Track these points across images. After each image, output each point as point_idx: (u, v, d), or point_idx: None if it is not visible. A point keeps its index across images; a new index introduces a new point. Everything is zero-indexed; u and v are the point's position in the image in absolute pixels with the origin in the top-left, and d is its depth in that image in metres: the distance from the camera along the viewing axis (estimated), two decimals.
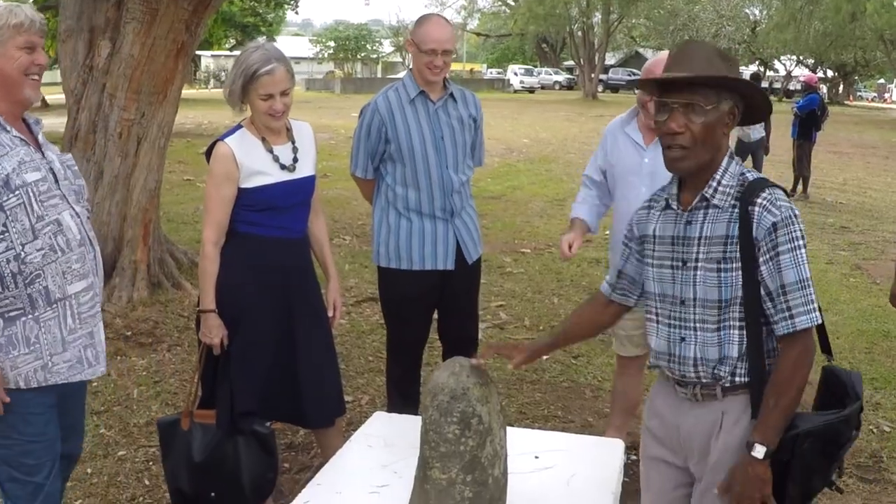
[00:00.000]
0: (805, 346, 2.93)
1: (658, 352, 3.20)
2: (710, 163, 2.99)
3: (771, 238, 2.89)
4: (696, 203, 3.03)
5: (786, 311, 2.90)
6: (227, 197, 4.29)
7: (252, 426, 4.38)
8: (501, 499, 3.31)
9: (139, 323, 7.85)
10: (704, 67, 2.90)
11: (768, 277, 2.91)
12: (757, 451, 2.86)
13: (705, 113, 2.90)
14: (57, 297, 3.44)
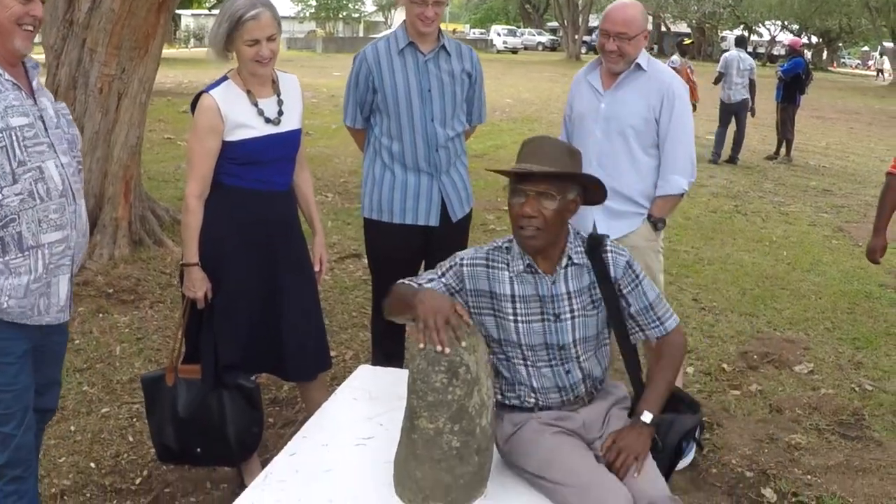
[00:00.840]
0: (678, 340, 3.64)
1: (543, 388, 3.56)
2: (557, 239, 3.47)
3: (629, 273, 3.54)
4: (562, 266, 3.50)
5: (656, 320, 3.59)
6: (212, 150, 4.21)
7: (237, 380, 4.35)
8: (489, 449, 3.31)
9: (121, 280, 7.76)
10: (557, 162, 3.37)
11: (636, 301, 3.56)
12: (646, 416, 3.42)
13: (556, 201, 3.35)
14: (30, 244, 3.35)
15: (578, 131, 4.96)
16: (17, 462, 3.53)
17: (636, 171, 4.84)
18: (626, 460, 3.26)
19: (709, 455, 5.19)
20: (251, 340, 4.42)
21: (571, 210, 3.46)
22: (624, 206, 4.86)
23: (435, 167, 5.11)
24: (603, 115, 4.81)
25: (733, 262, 9.50)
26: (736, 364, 6.62)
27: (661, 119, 4.77)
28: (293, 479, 3.46)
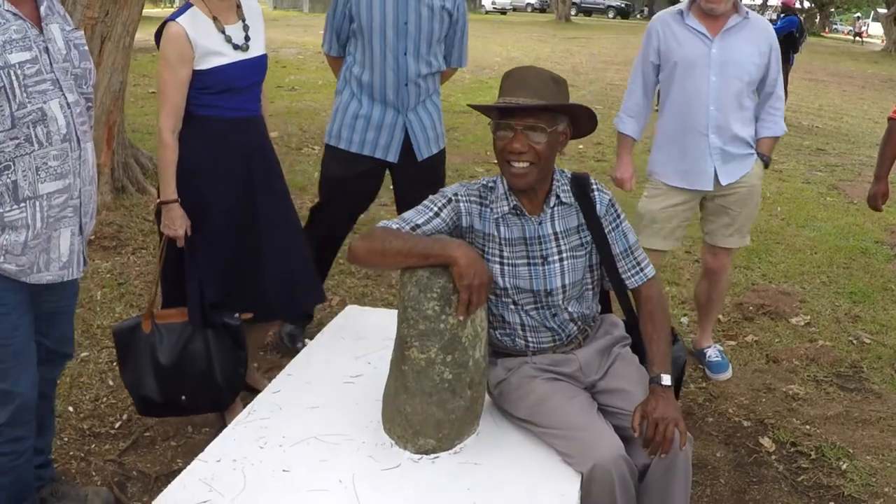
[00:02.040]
0: (660, 287, 3.50)
1: (532, 327, 3.40)
2: (546, 175, 3.29)
3: (612, 212, 3.41)
4: (549, 205, 3.33)
5: (636, 265, 3.45)
6: (183, 80, 4.04)
7: (222, 318, 4.20)
8: (482, 383, 3.18)
9: (103, 227, 7.58)
10: (544, 93, 3.16)
11: (618, 241, 3.41)
12: (665, 380, 3.17)
13: (547, 135, 3.16)
14: (26, 195, 3.08)
15: (685, 77, 4.88)
16: (17, 421, 3.32)
17: (746, 114, 4.93)
18: (667, 430, 3.00)
19: (705, 404, 5.10)
20: (234, 276, 4.28)
21: (562, 143, 3.29)
22: (739, 149, 4.95)
23: (402, 102, 5.06)
24: (716, 60, 4.79)
25: None
26: (731, 315, 6.51)
27: (770, 66, 4.91)
28: (277, 416, 3.36)
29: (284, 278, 4.40)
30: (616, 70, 24.63)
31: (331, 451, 3.13)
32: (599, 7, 68.41)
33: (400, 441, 3.15)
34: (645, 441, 3.04)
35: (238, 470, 3.00)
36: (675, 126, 4.95)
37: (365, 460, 3.09)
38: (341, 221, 5.38)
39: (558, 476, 3.04)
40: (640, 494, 3.14)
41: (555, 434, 3.15)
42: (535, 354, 3.40)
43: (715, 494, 4.28)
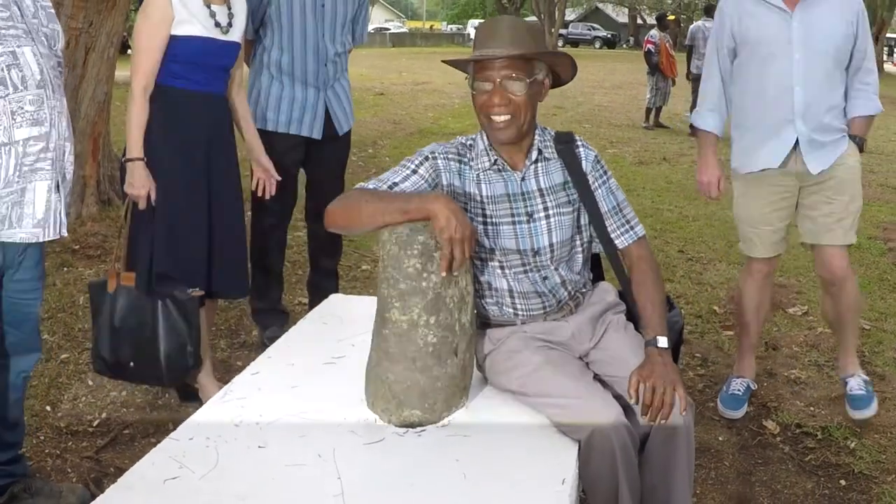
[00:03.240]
0: (649, 252, 3.35)
1: (521, 293, 3.24)
2: (528, 129, 3.16)
3: (598, 168, 3.29)
4: (531, 160, 3.21)
5: (626, 223, 3.31)
6: (161, 41, 4.01)
7: (172, 291, 4.10)
8: (469, 352, 3.02)
9: (88, 237, 7.53)
10: (520, 43, 3.03)
11: (605, 198, 3.28)
12: (661, 342, 3.03)
13: (526, 85, 3.04)
14: (1, 140, 2.96)
15: (763, 58, 4.38)
16: None
17: (835, 92, 4.38)
18: (665, 395, 2.82)
19: (704, 391, 4.97)
20: (187, 249, 4.19)
21: (542, 93, 3.17)
22: (830, 135, 4.36)
23: (323, 81, 5.16)
24: (798, 35, 4.29)
25: (718, 219, 9.24)
26: (727, 307, 6.38)
27: (859, 35, 4.36)
28: (255, 396, 3.19)
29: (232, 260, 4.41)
30: (604, 93, 24.66)
31: (310, 428, 2.97)
32: (586, 38, 68.84)
33: (384, 415, 2.98)
34: (643, 407, 2.87)
35: (211, 447, 2.84)
36: (756, 114, 4.42)
37: (346, 435, 2.93)
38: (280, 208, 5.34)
39: (554, 445, 2.88)
40: (641, 465, 2.97)
41: (549, 403, 2.98)
42: (525, 323, 3.24)
43: (720, 477, 4.14)
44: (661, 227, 8.77)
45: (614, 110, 20.18)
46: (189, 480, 2.64)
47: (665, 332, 3.07)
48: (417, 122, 17.29)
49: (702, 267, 7.41)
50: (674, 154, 13.77)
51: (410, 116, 18.22)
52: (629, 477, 2.83)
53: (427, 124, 16.89)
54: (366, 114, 17.88)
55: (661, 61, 16.82)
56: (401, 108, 19.87)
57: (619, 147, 14.27)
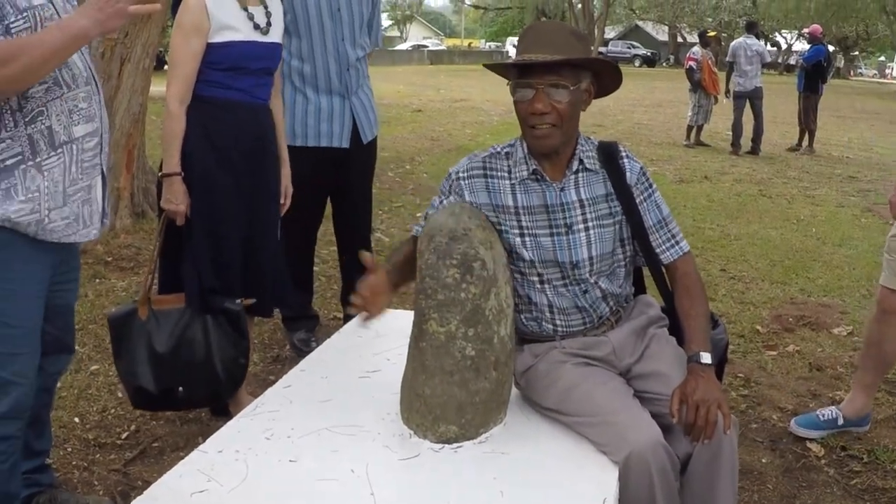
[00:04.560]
0: (694, 268, 3.22)
1: (561, 307, 3.15)
2: (570, 138, 3.07)
3: (643, 181, 3.16)
4: (572, 171, 3.09)
5: (671, 238, 3.19)
6: (196, 50, 3.89)
7: (223, 304, 4.01)
8: (508, 365, 2.92)
9: (121, 249, 7.49)
10: (566, 49, 2.93)
11: (650, 213, 3.16)
12: (704, 358, 2.89)
13: (570, 92, 2.93)
14: (62, 139, 2.94)
15: None
16: (10, 416, 3.08)
17: None
18: (709, 413, 2.70)
19: (748, 411, 4.83)
20: (232, 263, 4.10)
21: (585, 101, 3.06)
22: None
23: (346, 87, 5.10)
24: None
25: (761, 238, 9.12)
26: (770, 327, 6.25)
27: None
28: (287, 409, 3.13)
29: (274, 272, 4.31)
30: (644, 111, 24.57)
31: (343, 442, 2.89)
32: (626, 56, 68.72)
33: (419, 430, 2.89)
34: (685, 427, 2.75)
35: (241, 460, 2.77)
36: None
37: (381, 451, 2.84)
38: (310, 223, 5.34)
39: (594, 465, 2.78)
40: (683, 487, 2.86)
41: (586, 422, 2.88)
42: (564, 339, 3.14)
43: (763, 500, 4.01)
44: (703, 245, 8.64)
45: (654, 128, 20.06)
46: (217, 494, 2.57)
47: (708, 348, 2.94)
48: (455, 138, 17.22)
49: (744, 286, 7.27)
50: (715, 172, 13.63)
51: (448, 133, 18.16)
52: (668, 501, 2.74)
53: (465, 141, 16.80)
54: (403, 130, 17.86)
55: (703, 78, 16.70)
56: (438, 124, 19.83)
57: (660, 165, 14.14)
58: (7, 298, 2.96)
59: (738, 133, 16.27)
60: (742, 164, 14.82)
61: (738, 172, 13.83)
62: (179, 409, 4.33)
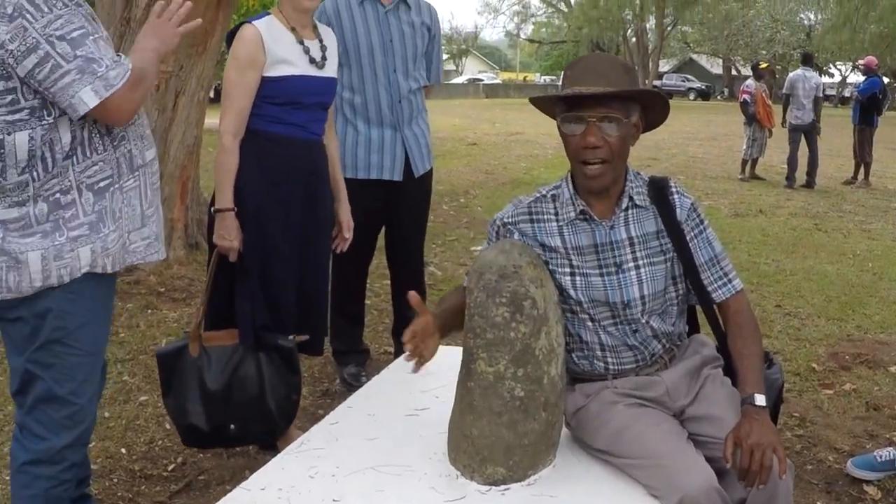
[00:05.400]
0: (747, 307, 3.12)
1: (612, 346, 3.08)
2: (620, 174, 3.02)
3: (693, 217, 3.08)
4: (622, 208, 3.04)
5: (724, 276, 3.09)
6: (251, 84, 3.88)
7: (276, 340, 3.96)
8: (558, 406, 2.87)
9: (174, 280, 7.53)
10: (616, 81, 2.88)
11: (701, 250, 3.07)
12: (759, 400, 2.80)
13: (621, 126, 2.89)
14: (139, 163, 3.05)
15: None
16: (80, 444, 3.13)
17: None
18: (764, 457, 2.63)
19: (803, 452, 4.71)
20: (285, 300, 4.08)
21: (634, 135, 3.01)
22: None
23: (398, 119, 5.07)
24: None
25: (816, 273, 8.98)
26: (826, 364, 6.12)
27: None
28: (332, 446, 3.10)
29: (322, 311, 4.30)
30: (698, 145, 24.40)
31: (388, 481, 2.85)
32: (680, 90, 68.58)
33: (466, 471, 2.84)
34: (740, 471, 2.67)
35: (283, 499, 2.74)
36: None
37: (426, 492, 2.79)
38: (361, 256, 5.28)
39: None
40: None
41: (638, 464, 2.82)
42: (617, 378, 3.07)
43: None
44: (758, 280, 8.52)
45: (709, 162, 19.92)
46: None
47: (763, 390, 2.85)
48: (510, 172, 17.21)
49: (800, 322, 7.14)
50: (770, 206, 13.49)
51: (503, 166, 18.14)
52: None
53: (519, 174, 16.79)
54: (458, 163, 17.88)
55: (757, 111, 16.55)
56: (493, 157, 19.83)
57: (714, 199, 14.02)
58: (88, 328, 3.02)
59: (794, 167, 16.08)
60: (797, 198, 14.67)
61: (794, 206, 13.68)
62: (231, 447, 4.31)
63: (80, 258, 2.89)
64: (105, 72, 2.74)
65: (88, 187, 2.89)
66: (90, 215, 2.90)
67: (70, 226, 2.87)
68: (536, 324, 2.71)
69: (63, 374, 2.99)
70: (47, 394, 3.00)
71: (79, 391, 3.03)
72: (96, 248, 2.92)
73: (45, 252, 2.84)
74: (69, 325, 2.95)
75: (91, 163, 2.89)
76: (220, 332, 3.99)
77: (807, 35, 62.97)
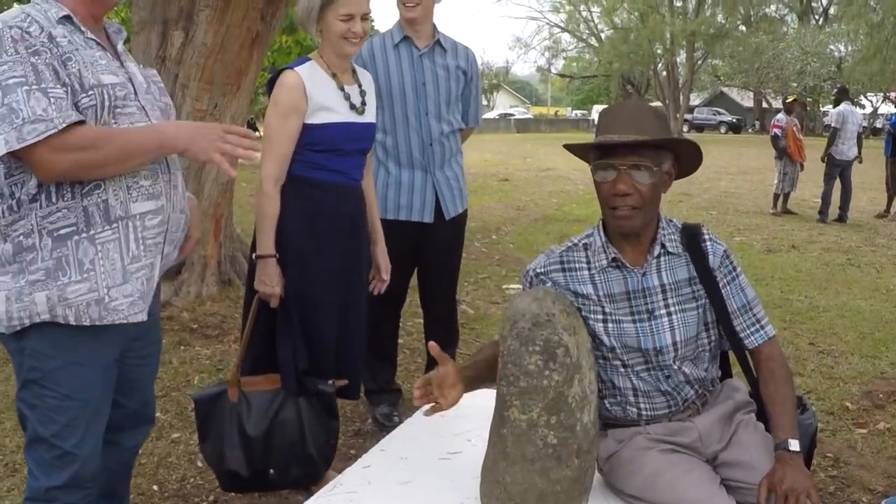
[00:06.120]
0: (780, 352, 3.15)
1: (644, 391, 3.10)
2: (651, 221, 3.04)
3: (727, 264, 3.10)
4: (653, 255, 3.06)
5: (756, 322, 3.11)
6: (293, 131, 3.90)
7: (317, 386, 3.98)
8: (591, 453, 2.87)
9: (207, 317, 7.56)
10: (648, 128, 2.91)
11: (734, 297, 3.09)
12: (792, 445, 2.85)
13: (652, 174, 2.91)
14: (118, 214, 2.88)
15: None
16: (73, 486, 3.05)
17: None
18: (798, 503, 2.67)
19: (836, 493, 4.68)
20: (326, 346, 4.08)
21: (666, 183, 3.04)
22: None
23: (429, 162, 5.09)
24: None
25: (850, 310, 8.92)
26: (860, 403, 6.07)
27: None
28: (365, 491, 3.11)
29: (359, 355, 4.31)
30: (730, 179, 24.36)
31: None
32: (711, 123, 68.57)
33: None
34: None
35: None
36: None
37: None
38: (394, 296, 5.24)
39: None
40: None
41: None
42: (649, 424, 3.08)
43: None
44: (791, 318, 8.48)
45: (741, 196, 19.88)
46: None
47: (796, 435, 2.88)
48: (542, 208, 17.23)
49: (833, 360, 7.09)
50: (803, 241, 13.43)
51: (535, 202, 18.17)
52: None
53: (551, 210, 16.82)
54: (490, 199, 17.92)
55: (788, 146, 16.52)
56: (525, 193, 19.87)
57: (747, 234, 13.98)
58: (67, 370, 2.94)
59: (829, 202, 15.97)
60: (829, 232, 14.60)
61: (826, 241, 13.62)
62: (270, 491, 4.31)
63: (37, 303, 2.83)
64: (21, 124, 2.64)
65: (49, 233, 2.83)
66: (47, 261, 2.83)
67: (30, 269, 2.83)
68: (569, 371, 2.72)
69: (45, 416, 2.96)
70: (34, 433, 2.99)
71: (63, 434, 2.97)
72: (52, 296, 2.84)
73: (9, 293, 2.83)
74: (45, 366, 2.91)
75: (55, 209, 2.82)
76: (258, 377, 4.01)
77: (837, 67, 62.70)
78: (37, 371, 2.92)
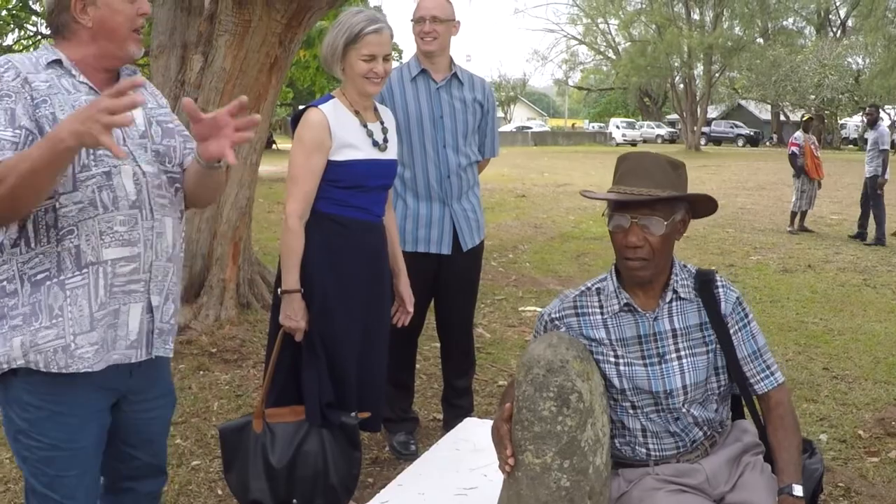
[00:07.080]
0: (788, 398, 3.22)
1: (654, 432, 3.15)
2: (664, 267, 3.10)
3: (738, 311, 3.16)
4: (665, 300, 3.11)
5: (766, 369, 3.16)
6: (317, 167, 4.00)
7: (340, 418, 4.06)
8: (603, 494, 2.93)
9: (225, 341, 7.62)
10: (662, 181, 2.99)
11: (745, 343, 3.15)
12: (796, 490, 2.93)
13: (665, 226, 2.98)
14: (89, 260, 2.82)
15: None
16: None
17: None
18: None
19: None
20: (349, 379, 4.16)
21: (680, 231, 3.11)
22: None
23: (447, 194, 5.16)
24: None
25: (865, 333, 8.94)
26: (873, 431, 6.10)
27: None
28: None
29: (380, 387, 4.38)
30: (747, 195, 24.38)
31: None
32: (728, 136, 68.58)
33: None
34: None
35: None
36: None
37: None
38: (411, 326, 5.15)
39: None
40: None
41: None
42: (658, 464, 3.14)
43: None
44: (806, 342, 8.50)
45: (758, 213, 19.91)
46: None
47: (800, 480, 2.97)
48: (559, 225, 17.32)
49: (847, 386, 7.11)
50: (819, 260, 13.45)
51: (552, 220, 18.26)
52: None
53: (568, 228, 16.90)
54: (507, 217, 18.01)
55: (805, 164, 16.56)
56: (542, 210, 19.95)
57: (763, 253, 14.01)
58: (52, 420, 2.91)
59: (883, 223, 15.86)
60: (846, 251, 14.60)
61: (842, 260, 13.63)
62: None
63: (13, 348, 2.82)
64: None
65: (28, 278, 2.83)
66: (25, 307, 2.82)
67: (11, 314, 2.83)
68: (583, 416, 2.78)
69: (35, 468, 2.95)
70: (29, 485, 3.01)
71: (54, 485, 2.95)
72: (25, 341, 2.82)
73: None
74: (31, 416, 2.90)
75: (34, 254, 2.82)
76: (283, 408, 4.09)
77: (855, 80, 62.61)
78: (25, 422, 2.91)
